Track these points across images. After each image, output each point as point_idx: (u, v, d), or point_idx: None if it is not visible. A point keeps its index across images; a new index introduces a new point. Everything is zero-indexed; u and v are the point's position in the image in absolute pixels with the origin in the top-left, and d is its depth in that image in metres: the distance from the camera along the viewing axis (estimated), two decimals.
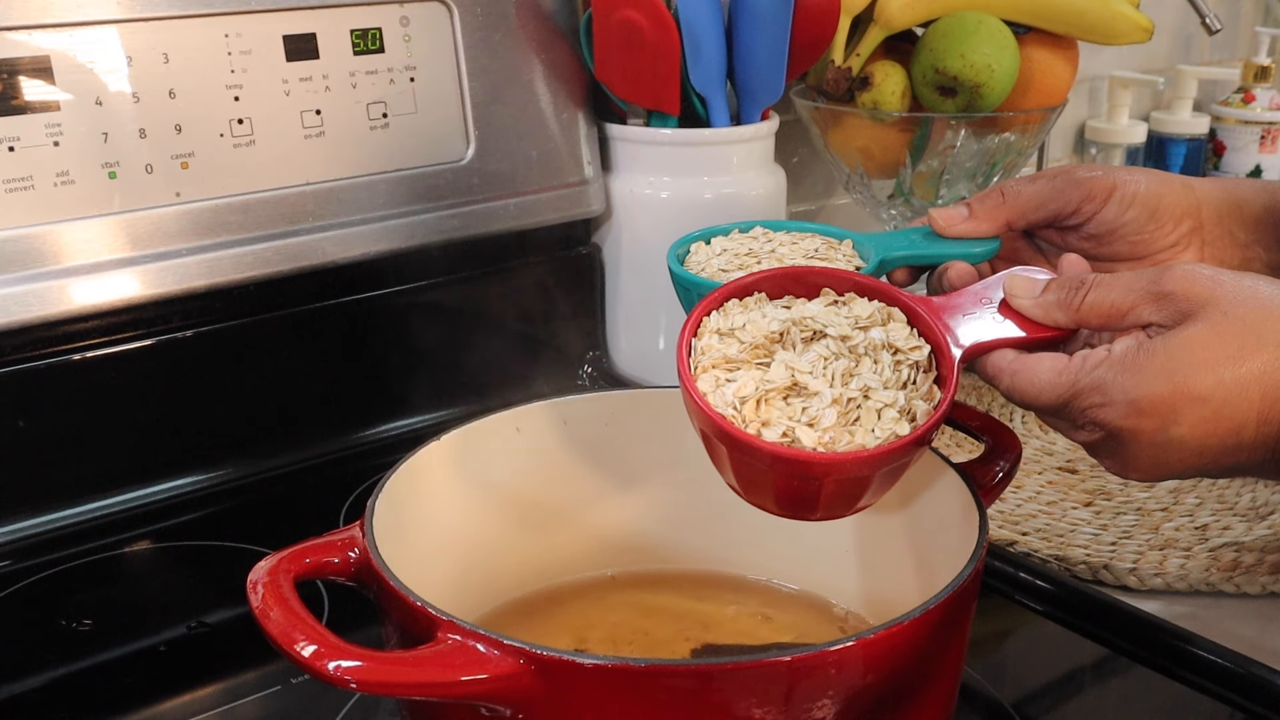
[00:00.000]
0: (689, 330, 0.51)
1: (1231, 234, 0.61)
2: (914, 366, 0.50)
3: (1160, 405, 0.47)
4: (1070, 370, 0.49)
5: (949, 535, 0.53)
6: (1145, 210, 0.59)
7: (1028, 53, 0.93)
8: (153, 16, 0.72)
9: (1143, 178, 0.60)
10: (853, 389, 0.48)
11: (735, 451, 0.47)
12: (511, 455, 0.60)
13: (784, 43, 0.85)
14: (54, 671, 0.63)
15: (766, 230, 0.61)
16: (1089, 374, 0.48)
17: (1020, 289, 0.52)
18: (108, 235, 0.72)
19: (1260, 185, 0.62)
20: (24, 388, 0.73)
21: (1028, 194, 0.59)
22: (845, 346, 0.49)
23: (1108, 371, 0.48)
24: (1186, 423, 0.47)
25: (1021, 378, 0.50)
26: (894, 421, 0.47)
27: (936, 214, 0.59)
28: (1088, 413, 0.48)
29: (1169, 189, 0.60)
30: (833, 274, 0.53)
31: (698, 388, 0.48)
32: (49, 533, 0.74)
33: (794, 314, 0.50)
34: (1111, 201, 0.59)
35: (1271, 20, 1.57)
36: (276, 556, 0.46)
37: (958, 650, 0.48)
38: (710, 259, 0.58)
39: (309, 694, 0.58)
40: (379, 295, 0.84)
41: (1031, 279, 0.52)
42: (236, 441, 0.81)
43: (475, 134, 0.84)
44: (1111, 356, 0.48)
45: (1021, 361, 0.50)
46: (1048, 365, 0.49)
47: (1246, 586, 0.67)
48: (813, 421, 0.47)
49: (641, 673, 0.41)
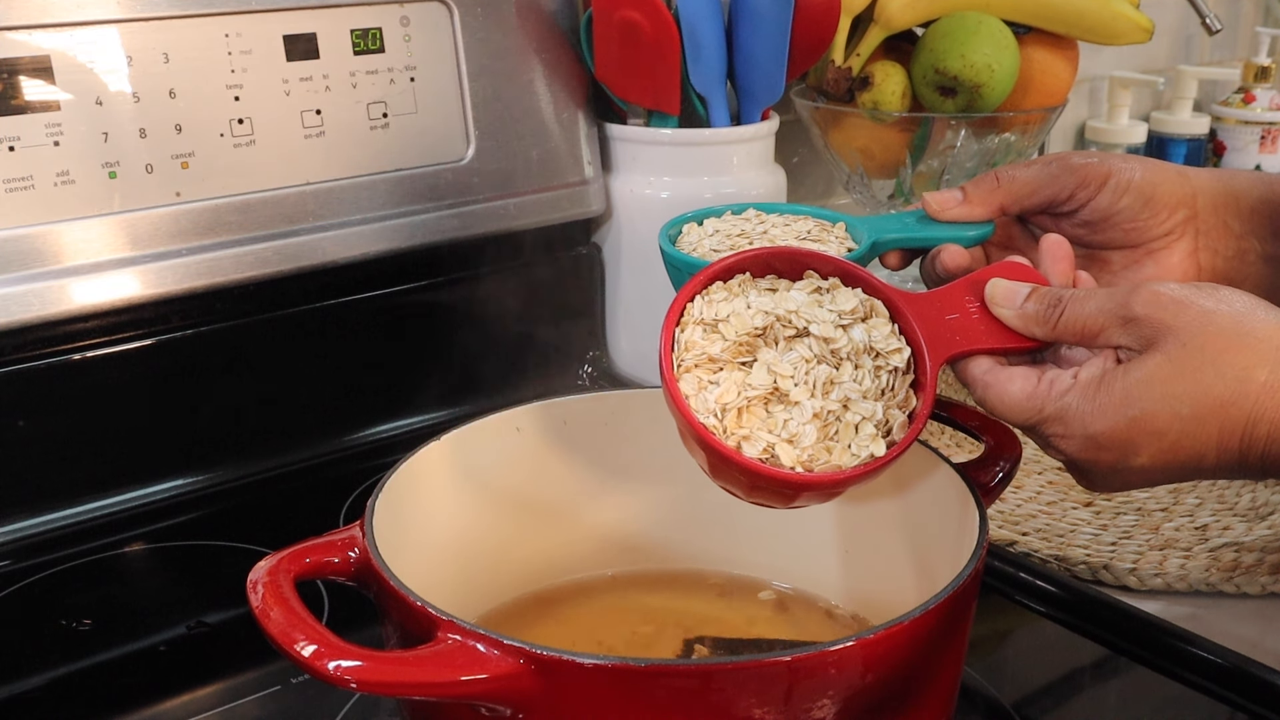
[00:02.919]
0: (671, 321, 0.51)
1: (1226, 224, 0.61)
2: (893, 372, 0.50)
3: (1118, 440, 0.48)
4: (1037, 396, 0.49)
5: (949, 535, 0.53)
6: (1140, 198, 0.59)
7: (1028, 53, 0.93)
8: (153, 16, 0.72)
9: (1138, 166, 0.60)
10: (833, 400, 0.48)
11: (715, 459, 0.48)
12: (511, 455, 0.60)
13: (784, 43, 0.85)
14: (54, 671, 0.63)
15: (759, 212, 0.61)
16: (1054, 402, 0.49)
17: (1001, 297, 0.52)
18: (108, 235, 0.72)
19: (1257, 177, 0.62)
20: (24, 388, 0.73)
21: (1022, 179, 0.59)
22: (828, 349, 0.49)
23: (1072, 399, 0.48)
24: (1145, 455, 0.48)
25: (993, 392, 0.51)
26: (871, 439, 0.48)
27: (930, 197, 0.59)
28: (1051, 440, 0.49)
29: (1164, 177, 0.60)
30: (818, 258, 0.52)
31: (680, 390, 0.49)
32: (49, 533, 0.74)
33: (778, 307, 0.50)
34: (1106, 189, 0.59)
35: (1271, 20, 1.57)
36: (276, 556, 0.46)
37: (958, 650, 0.48)
38: (702, 239, 0.58)
39: (309, 694, 0.58)
40: (379, 295, 0.84)
41: (1013, 289, 0.52)
42: (236, 441, 0.81)
43: (475, 134, 0.84)
44: (1076, 384, 0.49)
45: (994, 375, 0.51)
46: (1018, 386, 0.50)
47: (1246, 586, 0.67)
48: (792, 438, 0.48)
49: (641, 673, 0.41)
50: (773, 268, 0.53)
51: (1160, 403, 0.47)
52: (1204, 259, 0.61)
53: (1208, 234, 0.61)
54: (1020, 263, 0.54)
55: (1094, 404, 0.48)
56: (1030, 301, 0.51)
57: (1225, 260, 0.61)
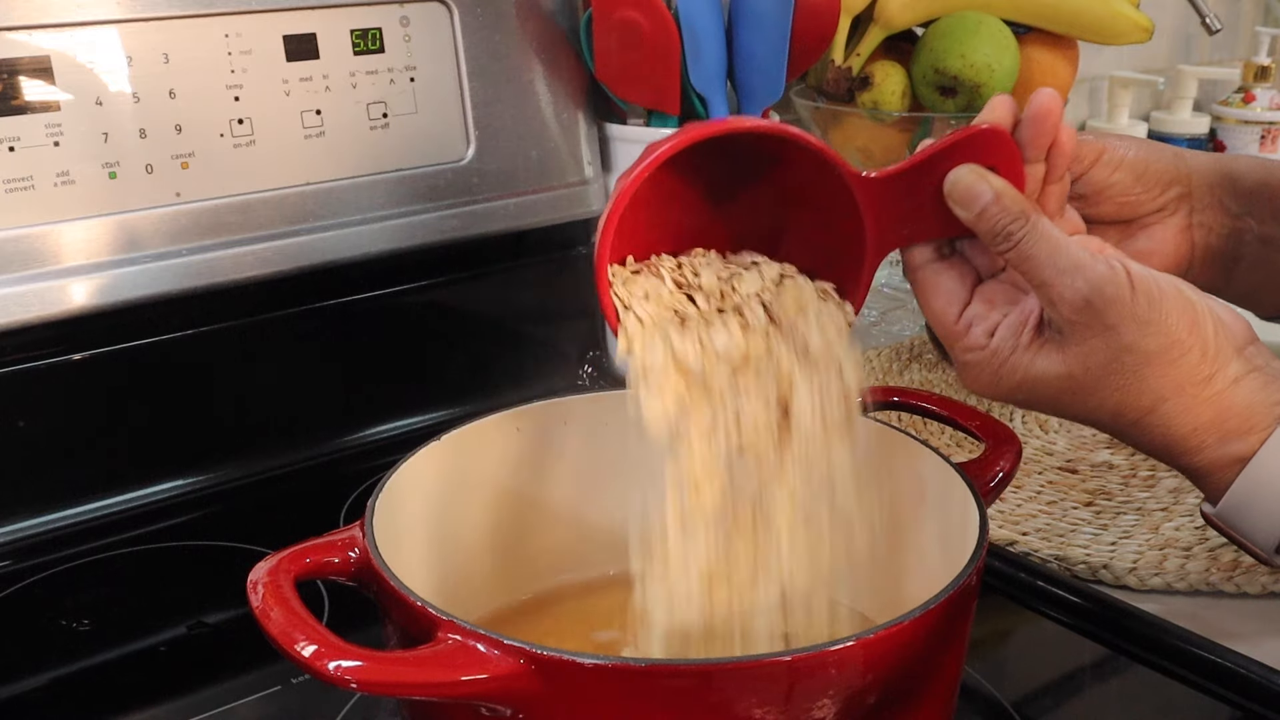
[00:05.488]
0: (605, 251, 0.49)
1: (1223, 203, 0.61)
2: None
3: (1002, 399, 0.54)
4: (949, 325, 0.53)
5: (949, 535, 0.53)
6: (1132, 173, 0.60)
7: (1028, 53, 0.93)
8: (153, 16, 0.72)
9: (1132, 144, 0.60)
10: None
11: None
12: (511, 455, 0.60)
13: (784, 43, 0.85)
14: (54, 671, 0.63)
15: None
16: (961, 343, 0.53)
17: (960, 197, 0.51)
18: (108, 235, 0.71)
19: (1257, 161, 0.62)
20: (24, 388, 0.73)
21: None
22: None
23: (976, 357, 0.53)
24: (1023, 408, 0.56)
25: (918, 290, 0.54)
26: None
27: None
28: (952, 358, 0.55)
29: (1158, 156, 0.60)
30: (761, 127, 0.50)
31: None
32: (49, 533, 0.74)
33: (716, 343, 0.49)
34: (1099, 164, 0.59)
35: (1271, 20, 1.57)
36: (276, 556, 0.46)
37: (958, 650, 0.48)
38: None
39: (309, 694, 0.58)
40: (379, 295, 0.84)
41: (972, 192, 0.50)
42: (237, 441, 0.81)
43: (475, 134, 0.84)
44: (988, 348, 0.52)
45: (925, 274, 0.54)
46: (940, 304, 0.54)
47: (1246, 586, 0.67)
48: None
49: (641, 672, 0.41)
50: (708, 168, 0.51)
51: (1046, 401, 0.52)
52: (1197, 236, 0.61)
53: (1202, 211, 0.61)
54: (997, 132, 0.52)
55: (992, 373, 0.52)
56: (990, 213, 0.50)
57: (1220, 238, 0.61)
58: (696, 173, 0.51)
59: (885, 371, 0.96)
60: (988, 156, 0.51)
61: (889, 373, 0.95)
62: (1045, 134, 0.53)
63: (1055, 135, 0.53)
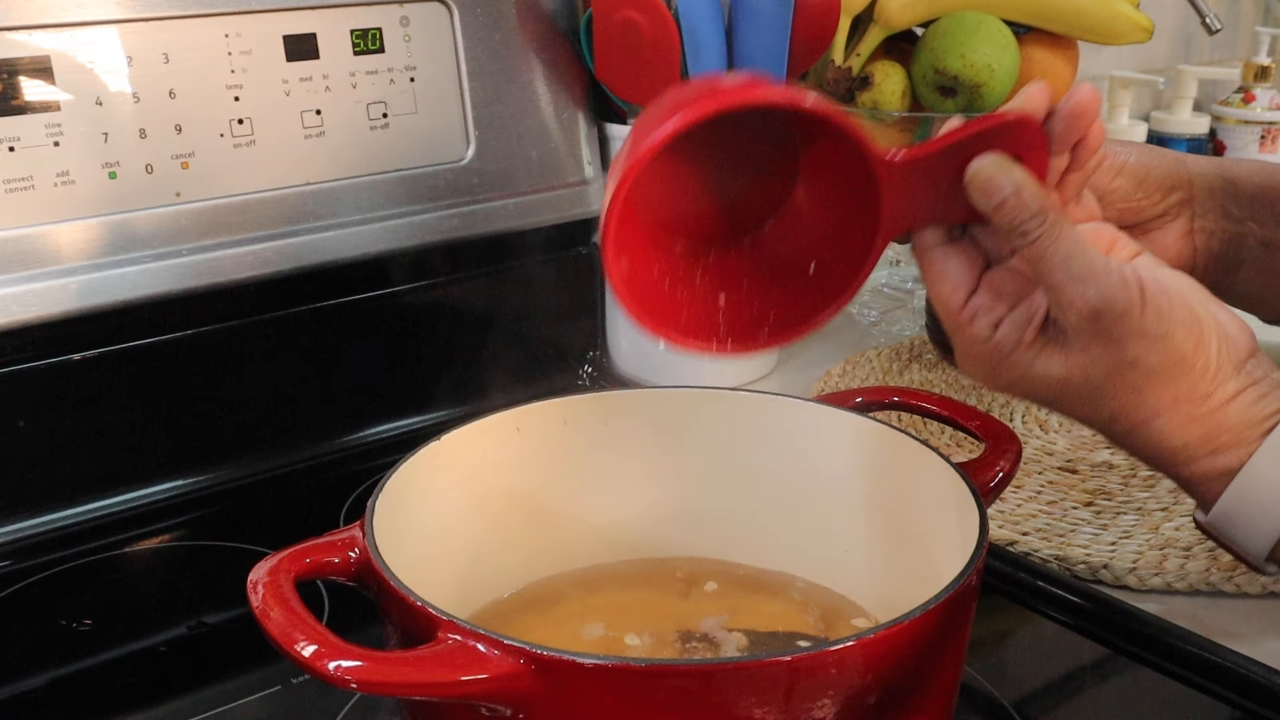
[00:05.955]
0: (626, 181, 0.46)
1: (1224, 208, 0.61)
2: None
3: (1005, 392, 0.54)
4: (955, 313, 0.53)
5: (949, 535, 0.53)
6: (1133, 179, 0.60)
7: (1028, 53, 0.93)
8: (153, 16, 0.72)
9: (1133, 149, 0.60)
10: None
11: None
12: (511, 455, 0.60)
13: (784, 43, 0.85)
14: (54, 671, 0.63)
15: None
16: (963, 333, 0.53)
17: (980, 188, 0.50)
18: (108, 235, 0.72)
19: (1258, 165, 0.62)
20: (24, 388, 0.73)
21: None
22: None
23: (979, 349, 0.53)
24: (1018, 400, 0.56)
25: (925, 271, 0.54)
26: None
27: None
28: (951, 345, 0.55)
29: (1159, 161, 0.60)
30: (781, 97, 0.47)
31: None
32: (49, 533, 0.74)
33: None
34: (1100, 171, 0.59)
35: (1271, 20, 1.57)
36: (276, 556, 0.46)
37: (958, 650, 0.48)
38: None
39: (309, 694, 0.58)
40: (379, 295, 0.84)
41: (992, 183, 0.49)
42: (237, 441, 0.81)
43: (475, 134, 0.84)
44: (989, 343, 0.52)
45: (933, 256, 0.53)
46: (947, 288, 0.53)
47: (1246, 586, 0.67)
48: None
49: (641, 672, 0.41)
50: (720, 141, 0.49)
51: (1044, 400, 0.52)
52: (1199, 240, 0.61)
53: (1204, 216, 0.61)
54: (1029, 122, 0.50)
55: (992, 366, 0.53)
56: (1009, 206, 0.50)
57: (1221, 243, 0.61)
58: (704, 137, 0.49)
59: (885, 371, 0.96)
60: (1015, 146, 0.50)
61: (889, 373, 0.95)
62: (1078, 131, 0.52)
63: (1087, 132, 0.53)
